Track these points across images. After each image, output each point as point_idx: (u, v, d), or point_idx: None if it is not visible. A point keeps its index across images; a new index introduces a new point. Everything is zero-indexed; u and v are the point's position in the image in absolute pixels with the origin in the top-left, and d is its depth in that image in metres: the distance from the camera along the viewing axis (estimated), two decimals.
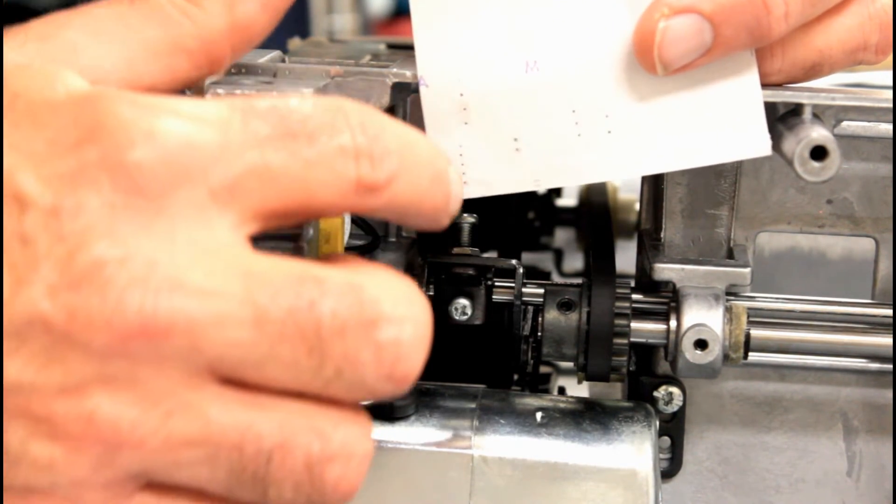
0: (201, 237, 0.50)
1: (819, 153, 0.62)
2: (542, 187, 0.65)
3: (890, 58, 0.68)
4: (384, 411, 0.67)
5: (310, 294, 0.50)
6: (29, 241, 0.48)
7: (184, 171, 0.49)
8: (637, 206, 0.86)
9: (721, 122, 0.64)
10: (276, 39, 0.72)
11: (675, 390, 0.73)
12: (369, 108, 0.53)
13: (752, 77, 0.64)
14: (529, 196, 0.97)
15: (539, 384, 0.78)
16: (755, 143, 0.64)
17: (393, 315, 0.51)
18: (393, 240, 0.74)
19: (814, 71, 0.66)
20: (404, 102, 0.72)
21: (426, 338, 0.52)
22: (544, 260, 1.00)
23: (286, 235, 0.61)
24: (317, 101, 0.52)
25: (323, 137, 0.51)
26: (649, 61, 0.62)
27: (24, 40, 0.57)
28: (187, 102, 0.51)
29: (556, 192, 1.02)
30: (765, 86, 0.64)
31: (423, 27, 0.64)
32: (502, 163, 0.65)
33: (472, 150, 0.64)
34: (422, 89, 0.65)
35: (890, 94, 0.67)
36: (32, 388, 0.49)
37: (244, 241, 0.51)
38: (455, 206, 0.56)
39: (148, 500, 0.52)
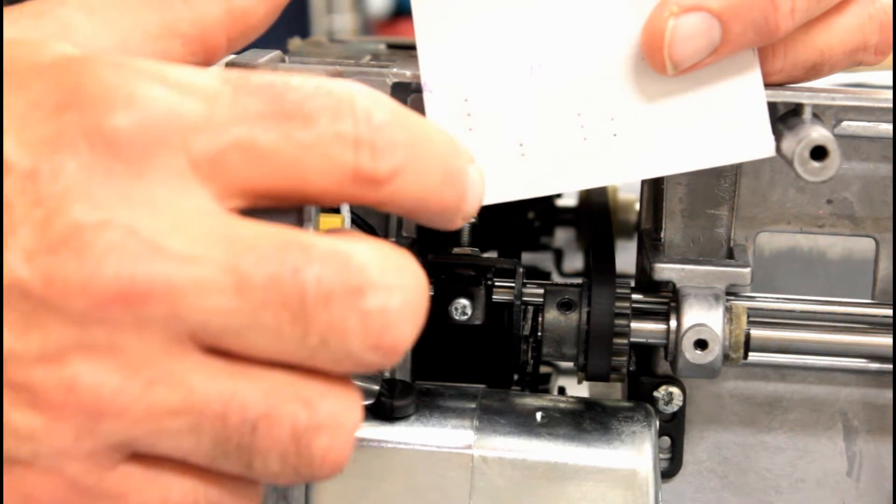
0: (182, 203, 0.49)
1: (819, 153, 0.62)
2: (548, 193, 0.64)
3: (890, 58, 0.68)
4: (384, 411, 0.67)
5: (294, 260, 0.49)
6: (6, 205, 0.48)
7: (163, 138, 0.49)
8: (637, 206, 0.86)
9: (725, 124, 0.64)
10: (276, 39, 0.72)
11: (675, 390, 0.73)
12: (383, 96, 0.52)
13: (755, 77, 0.64)
14: None
15: (539, 384, 0.78)
16: (759, 144, 0.64)
17: (381, 282, 0.50)
18: (393, 240, 0.74)
19: (814, 71, 0.66)
20: (404, 102, 0.72)
21: (418, 307, 0.51)
22: (544, 260, 1.00)
23: None
24: (323, 82, 0.51)
25: (322, 121, 0.50)
26: (659, 61, 0.62)
27: (18, 16, 0.57)
28: (178, 70, 0.50)
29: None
30: (766, 86, 0.64)
31: (425, 32, 0.64)
32: (508, 169, 0.64)
33: (478, 157, 0.64)
34: (425, 95, 0.64)
35: (890, 94, 0.67)
36: (11, 356, 0.48)
37: (227, 211, 0.50)
38: (471, 207, 0.54)
39: (132, 471, 0.51)
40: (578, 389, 0.79)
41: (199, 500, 0.52)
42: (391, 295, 0.50)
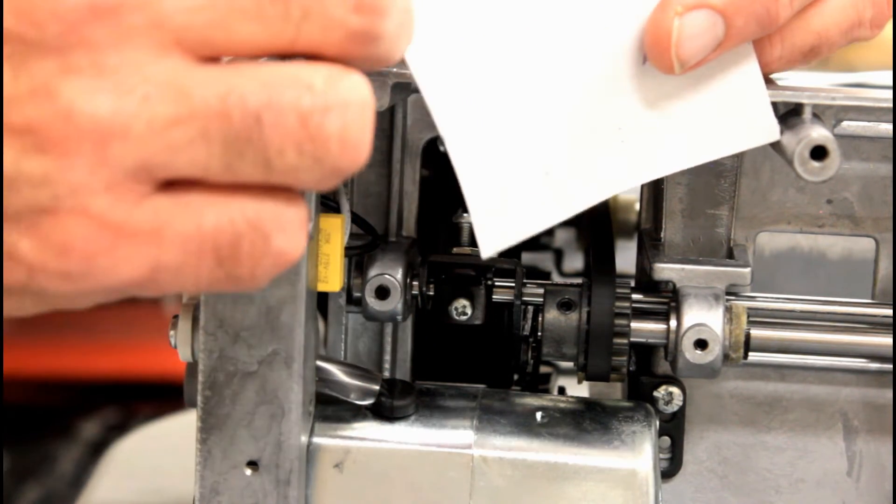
0: None
1: (819, 153, 0.62)
2: (574, 213, 0.63)
3: (890, 59, 0.68)
4: (384, 411, 0.67)
5: None
6: None
7: None
8: (637, 206, 0.86)
9: (728, 114, 0.64)
10: None
11: (675, 390, 0.73)
12: None
13: (752, 65, 0.64)
14: None
15: (539, 384, 0.78)
16: (763, 129, 0.64)
17: None
18: (393, 240, 0.74)
19: (812, 53, 0.66)
20: (404, 102, 0.72)
21: None
22: (544, 260, 0.99)
23: None
24: None
25: None
26: (666, 60, 0.62)
27: None
28: None
29: None
30: (766, 75, 0.64)
31: (429, 83, 0.62)
32: (536, 197, 0.63)
33: (511, 192, 0.62)
34: (449, 147, 0.61)
35: (890, 94, 0.67)
36: (6, 100, 0.48)
37: None
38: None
39: (160, 203, 0.50)
40: (578, 389, 0.79)
41: (235, 219, 0.51)
42: None
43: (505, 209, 0.61)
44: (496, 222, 0.61)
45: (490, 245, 0.61)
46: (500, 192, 0.61)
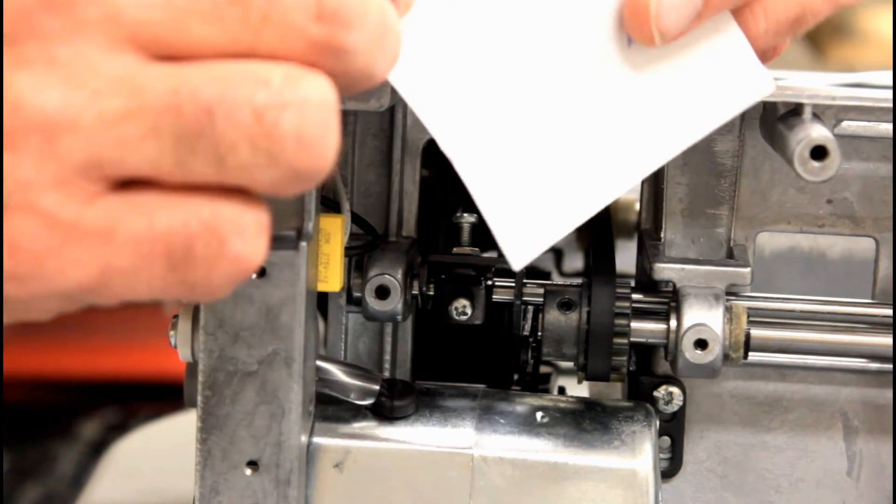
0: None
1: (819, 153, 0.62)
2: (581, 221, 0.63)
3: (890, 59, 0.68)
4: (384, 411, 0.67)
5: None
6: None
7: None
8: (637, 206, 0.86)
9: (720, 79, 0.63)
10: None
11: (675, 390, 0.73)
12: None
13: (732, 27, 0.63)
14: None
15: (539, 384, 0.78)
16: (757, 84, 0.63)
17: None
18: (393, 240, 0.74)
19: (798, 24, 0.65)
20: (404, 103, 0.72)
21: None
22: (544, 260, 0.99)
23: (285, 237, 0.61)
24: None
25: None
26: (647, 33, 0.61)
27: None
28: None
29: None
30: (756, 52, 0.64)
31: (430, 115, 0.61)
32: (538, 214, 0.63)
33: (527, 202, 0.62)
34: (457, 166, 0.61)
35: (890, 94, 0.67)
36: None
37: None
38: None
39: (112, 202, 0.49)
40: (578, 389, 0.79)
41: (189, 221, 0.49)
42: None
43: (524, 220, 0.62)
44: (519, 235, 0.62)
45: (519, 259, 0.61)
46: (516, 205, 0.62)
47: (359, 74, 0.51)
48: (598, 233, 0.78)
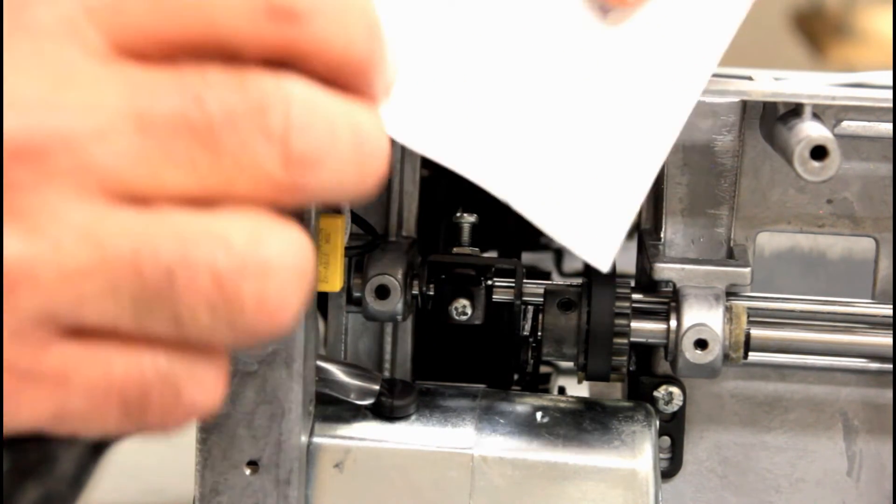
0: (71, 54, 0.47)
1: (819, 153, 0.62)
2: (642, 199, 0.63)
3: (890, 59, 0.68)
4: (384, 411, 0.67)
5: (193, 88, 0.47)
6: None
7: None
8: None
9: (702, 11, 0.63)
10: None
11: (675, 390, 0.73)
12: None
13: None
14: None
15: (539, 384, 0.78)
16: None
17: (278, 95, 0.48)
18: (393, 240, 0.74)
19: None
20: None
21: (322, 122, 0.48)
22: (544, 260, 1.00)
23: None
24: None
25: None
26: None
27: None
28: None
29: None
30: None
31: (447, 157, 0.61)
32: (606, 210, 0.62)
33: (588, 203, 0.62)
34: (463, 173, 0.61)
35: (890, 94, 0.67)
36: None
37: (120, 56, 0.48)
38: (389, 72, 0.51)
39: (68, 349, 0.48)
40: (578, 389, 0.79)
41: (145, 371, 0.49)
42: (290, 105, 0.48)
43: (589, 220, 0.62)
44: (594, 238, 0.62)
45: (603, 260, 0.62)
46: (576, 209, 0.61)
47: (337, 197, 0.50)
48: None
